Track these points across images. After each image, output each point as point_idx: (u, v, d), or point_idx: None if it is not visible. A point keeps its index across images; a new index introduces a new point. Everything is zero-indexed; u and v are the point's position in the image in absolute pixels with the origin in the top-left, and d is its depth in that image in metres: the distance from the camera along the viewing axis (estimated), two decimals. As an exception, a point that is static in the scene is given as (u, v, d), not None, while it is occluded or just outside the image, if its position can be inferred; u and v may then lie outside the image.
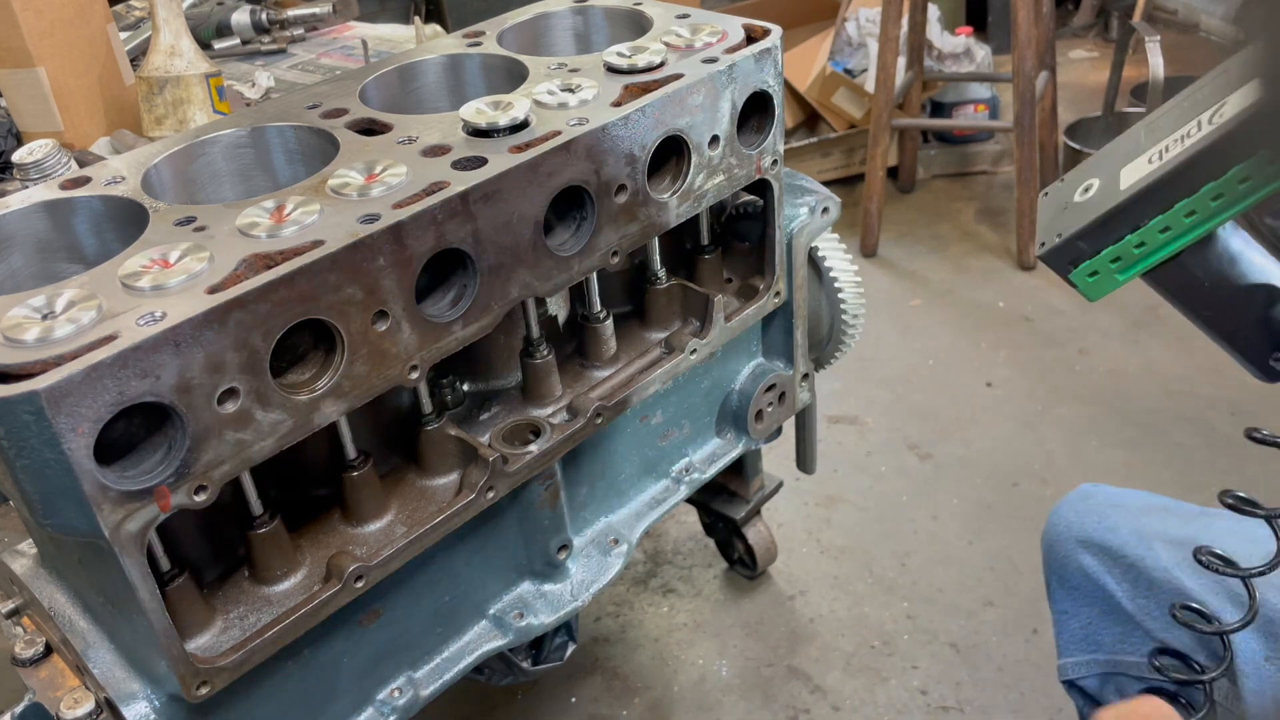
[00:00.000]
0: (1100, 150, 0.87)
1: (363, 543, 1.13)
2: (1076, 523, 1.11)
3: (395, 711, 1.22)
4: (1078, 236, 0.82)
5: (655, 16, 1.37)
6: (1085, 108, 3.80)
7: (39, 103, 1.78)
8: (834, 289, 1.55)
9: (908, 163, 3.48)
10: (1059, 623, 1.15)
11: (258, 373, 0.90)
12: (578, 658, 1.93)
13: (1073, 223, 0.82)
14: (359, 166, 1.05)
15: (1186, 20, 3.99)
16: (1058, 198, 0.87)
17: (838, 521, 2.20)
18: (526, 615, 1.32)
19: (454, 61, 1.36)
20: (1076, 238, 0.82)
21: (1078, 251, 0.83)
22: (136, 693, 1.02)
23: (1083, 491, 1.15)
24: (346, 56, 2.23)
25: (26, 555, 1.11)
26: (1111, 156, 0.84)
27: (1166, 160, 0.77)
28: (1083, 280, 0.83)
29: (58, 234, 1.08)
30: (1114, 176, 0.81)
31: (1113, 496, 1.13)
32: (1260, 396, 2.39)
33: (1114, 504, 1.11)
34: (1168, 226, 0.78)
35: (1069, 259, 0.83)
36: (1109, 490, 1.14)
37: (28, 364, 0.80)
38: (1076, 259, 0.83)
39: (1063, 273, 0.84)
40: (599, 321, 1.33)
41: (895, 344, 2.75)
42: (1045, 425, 2.40)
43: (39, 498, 0.83)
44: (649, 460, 1.47)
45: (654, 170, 1.21)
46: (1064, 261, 0.84)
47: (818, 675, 1.87)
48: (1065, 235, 0.82)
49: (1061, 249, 0.83)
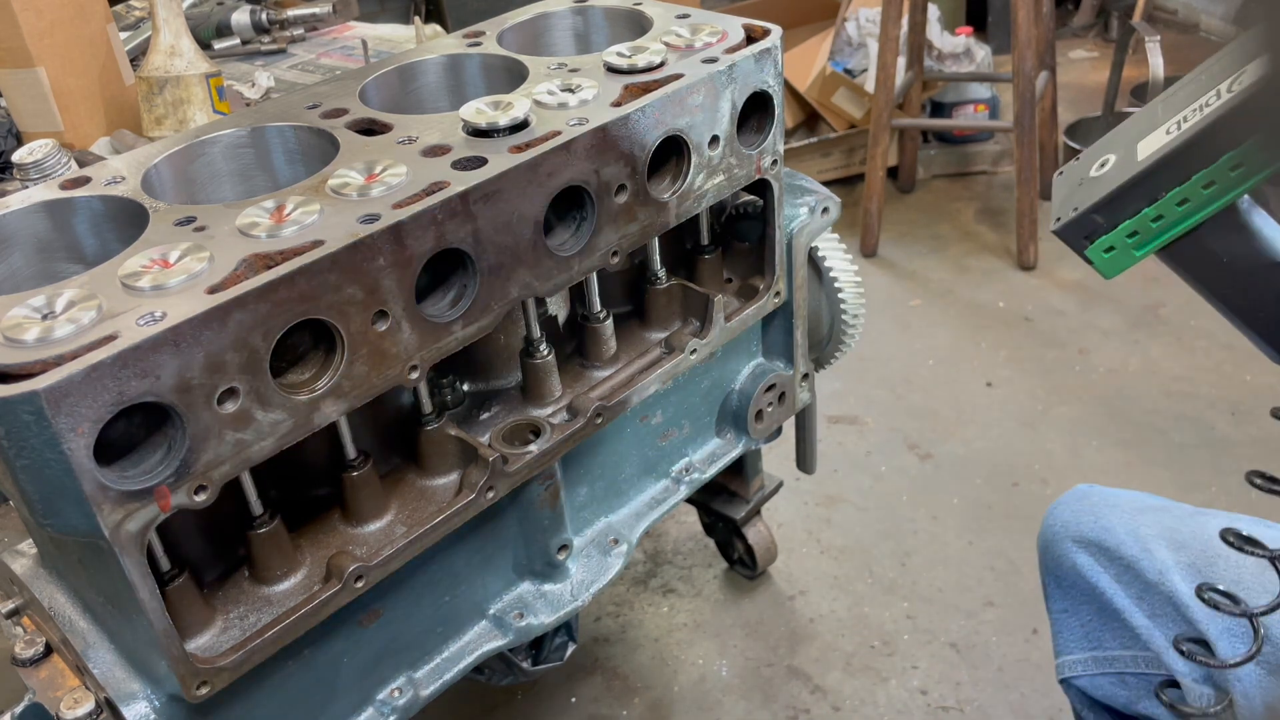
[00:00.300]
0: (1117, 127, 0.85)
1: (363, 543, 1.13)
2: (1073, 522, 1.11)
3: (395, 711, 1.22)
4: (1093, 210, 0.79)
5: (655, 16, 1.37)
6: (1085, 108, 3.80)
7: (39, 103, 1.78)
8: (834, 289, 1.55)
9: (908, 163, 3.48)
10: (1056, 621, 1.15)
11: (258, 373, 0.90)
12: (578, 658, 1.93)
13: (1088, 197, 0.80)
14: (359, 166, 1.05)
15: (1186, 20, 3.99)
16: (1073, 174, 0.85)
17: (838, 521, 2.20)
18: (526, 615, 1.32)
19: (454, 61, 1.36)
20: (1092, 211, 0.79)
21: (1094, 226, 0.80)
22: (136, 693, 1.02)
23: (1079, 491, 1.15)
24: (346, 56, 2.23)
25: (26, 555, 1.11)
26: (1128, 131, 0.82)
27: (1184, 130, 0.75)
28: (1098, 256, 0.81)
29: (58, 234, 1.08)
30: (1131, 150, 0.79)
31: (1109, 497, 1.13)
32: (1260, 396, 2.40)
33: (1110, 504, 1.11)
34: (1185, 199, 0.75)
35: (1084, 234, 0.81)
36: (1105, 490, 1.15)
37: (28, 364, 0.80)
38: (1092, 234, 0.80)
39: (1078, 248, 0.82)
40: (599, 321, 1.33)
41: (895, 344, 2.75)
42: (1045, 425, 2.40)
43: (39, 498, 0.83)
44: (649, 460, 1.47)
45: (654, 170, 1.21)
46: (1079, 236, 0.81)
47: (818, 675, 1.87)
48: (1081, 209, 0.80)
49: (1077, 223, 0.81)
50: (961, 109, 3.53)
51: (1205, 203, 0.75)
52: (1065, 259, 3.01)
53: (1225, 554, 0.99)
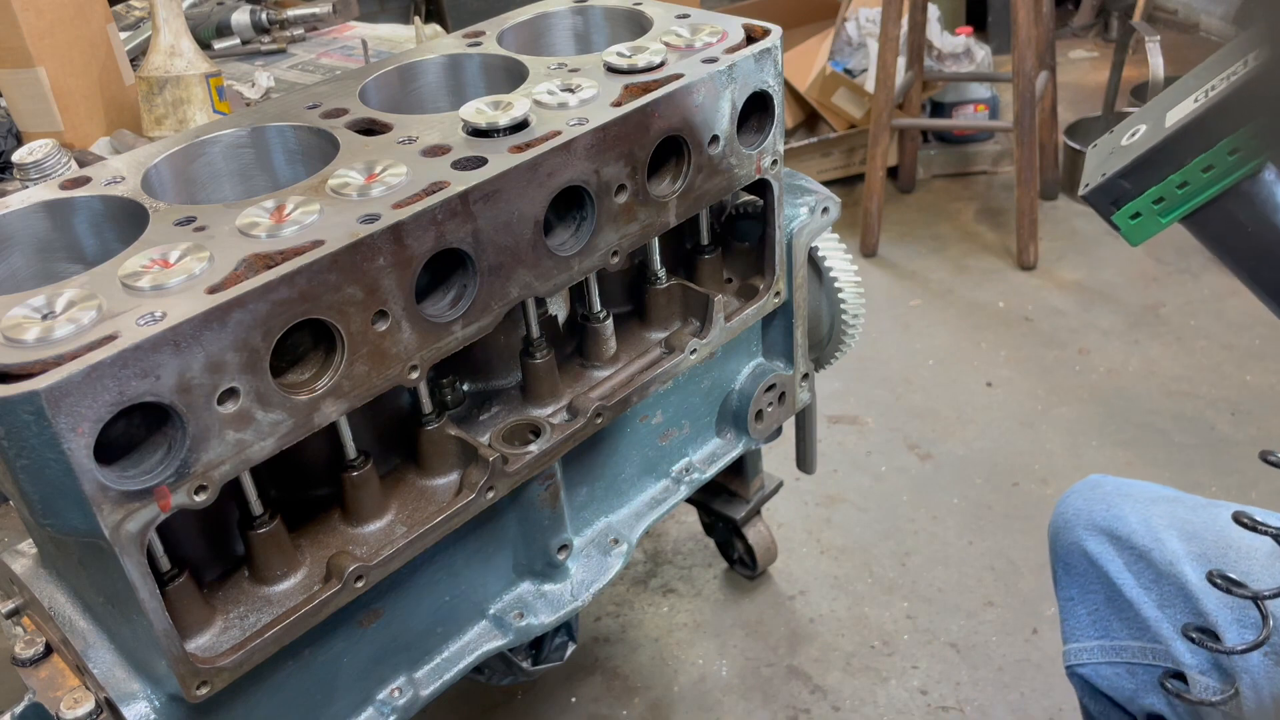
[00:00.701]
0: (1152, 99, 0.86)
1: (363, 543, 1.13)
2: (1085, 510, 1.12)
3: (395, 711, 1.22)
4: (1121, 175, 0.80)
5: (655, 16, 1.37)
6: (1085, 108, 3.80)
7: (39, 103, 1.78)
8: (834, 289, 1.55)
9: (908, 163, 3.48)
10: (1064, 609, 1.15)
11: (258, 373, 0.90)
12: (578, 658, 1.93)
13: (1117, 163, 0.81)
14: (359, 166, 1.05)
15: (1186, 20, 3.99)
16: (1105, 145, 0.86)
17: (838, 521, 2.20)
18: (526, 615, 1.32)
19: (454, 61, 1.36)
20: (1120, 176, 0.81)
21: (1121, 191, 0.81)
22: (136, 693, 1.02)
23: (1091, 481, 1.16)
24: (346, 56, 2.23)
25: (26, 555, 1.11)
26: (1161, 103, 0.83)
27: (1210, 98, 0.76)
28: (1125, 222, 0.82)
29: (58, 234, 1.08)
30: (1160, 119, 0.80)
31: (1121, 486, 1.13)
32: (1260, 397, 2.40)
33: (1122, 493, 1.11)
34: (1210, 165, 0.76)
35: (1111, 199, 0.82)
36: (1118, 480, 1.15)
37: (28, 364, 0.80)
38: (1119, 199, 0.81)
39: (1105, 213, 0.83)
40: (599, 321, 1.33)
41: (895, 344, 2.75)
42: (1045, 425, 2.40)
43: (39, 498, 0.83)
44: (649, 460, 1.47)
45: (654, 170, 1.21)
46: (1106, 201, 0.82)
47: (818, 675, 1.87)
48: (1109, 174, 0.81)
49: (1105, 188, 0.82)
50: (961, 109, 3.53)
51: (1229, 170, 0.75)
52: (1065, 259, 3.02)
53: (1236, 544, 1.00)
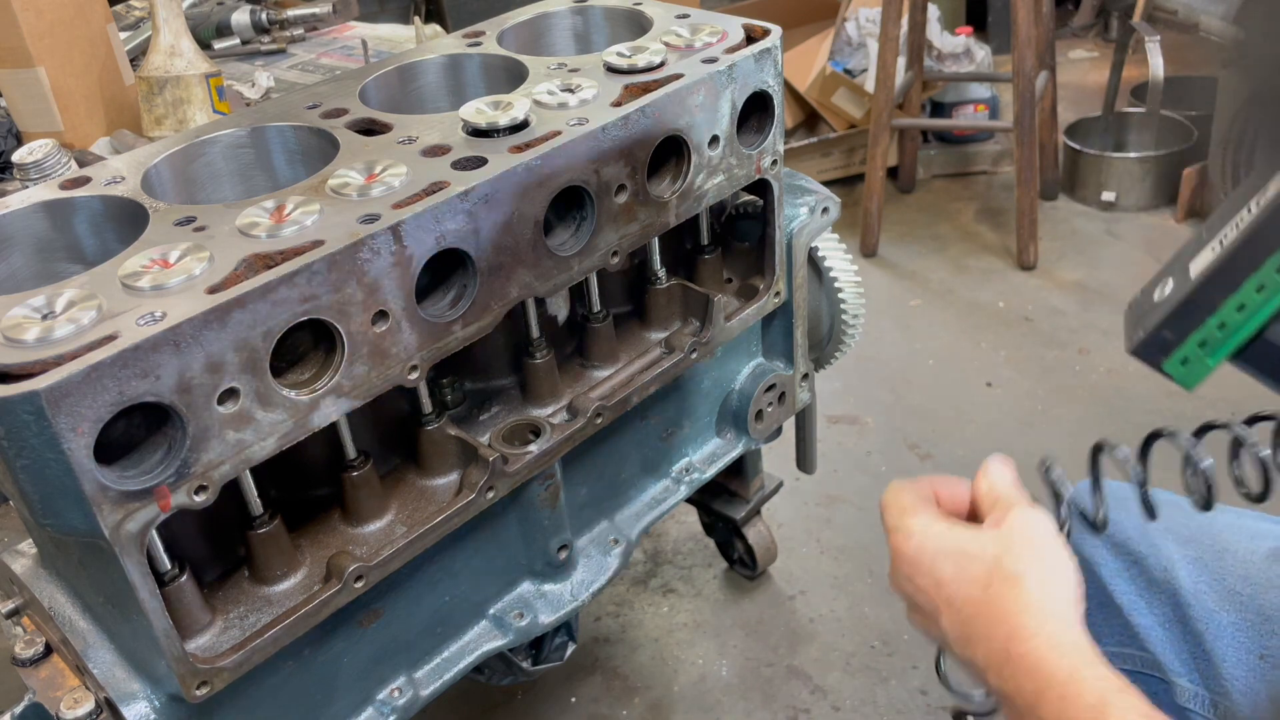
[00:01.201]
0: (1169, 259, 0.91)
1: (363, 543, 1.13)
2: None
3: (395, 711, 1.22)
4: (1161, 327, 0.86)
5: (655, 16, 1.37)
6: (1085, 108, 3.80)
7: (39, 103, 1.78)
8: (834, 289, 1.55)
9: (908, 163, 3.48)
10: None
11: (258, 373, 0.90)
12: (578, 658, 1.93)
13: (1155, 317, 0.87)
14: (359, 166, 1.05)
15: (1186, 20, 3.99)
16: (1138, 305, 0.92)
17: (838, 521, 2.19)
18: (526, 615, 1.32)
19: (454, 61, 1.36)
20: (1160, 328, 0.86)
21: (1165, 341, 0.86)
22: (136, 693, 1.02)
23: (1088, 485, 1.15)
24: (346, 56, 2.23)
25: (26, 555, 1.11)
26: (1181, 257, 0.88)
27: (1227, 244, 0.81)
28: (1177, 369, 0.87)
29: (58, 234, 1.08)
30: (1184, 271, 0.86)
31: (1117, 490, 1.13)
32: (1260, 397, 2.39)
33: (1119, 498, 1.11)
34: (1243, 304, 0.81)
35: (1158, 350, 0.87)
36: (1114, 485, 1.15)
37: (28, 364, 0.80)
38: (1165, 349, 0.87)
39: (1155, 365, 0.88)
40: (599, 321, 1.33)
41: (895, 344, 2.75)
42: (1045, 425, 2.40)
43: (39, 498, 0.83)
44: (649, 460, 1.47)
45: (654, 170, 1.21)
46: (1154, 353, 0.87)
47: (818, 675, 1.87)
48: (1149, 329, 0.87)
49: (1148, 341, 0.87)
50: (961, 109, 3.52)
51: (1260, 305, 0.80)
52: (1065, 259, 3.01)
53: (1234, 548, 1.00)
